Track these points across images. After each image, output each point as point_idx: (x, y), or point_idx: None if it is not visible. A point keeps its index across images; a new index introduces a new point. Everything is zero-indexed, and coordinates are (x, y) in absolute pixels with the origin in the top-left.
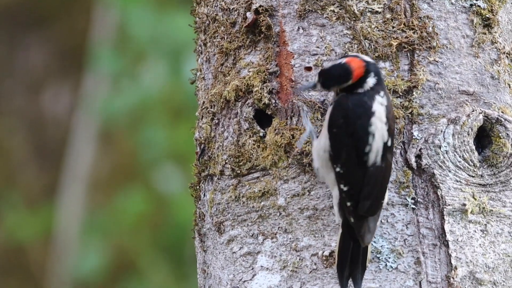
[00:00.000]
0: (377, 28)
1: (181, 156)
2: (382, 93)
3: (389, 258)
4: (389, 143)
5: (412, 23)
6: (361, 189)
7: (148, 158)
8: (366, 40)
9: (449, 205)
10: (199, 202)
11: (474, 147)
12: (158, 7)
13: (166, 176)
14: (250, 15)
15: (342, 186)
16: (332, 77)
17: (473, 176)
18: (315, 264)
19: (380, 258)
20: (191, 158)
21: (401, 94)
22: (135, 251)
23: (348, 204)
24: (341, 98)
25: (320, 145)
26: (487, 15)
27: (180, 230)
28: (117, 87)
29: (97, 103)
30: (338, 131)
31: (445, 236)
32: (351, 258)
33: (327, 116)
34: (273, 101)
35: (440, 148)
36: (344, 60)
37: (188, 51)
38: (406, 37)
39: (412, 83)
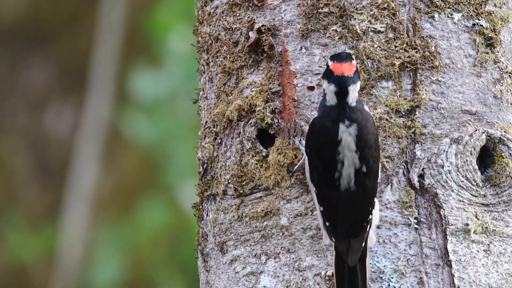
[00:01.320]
0: (380, 47)
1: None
2: (347, 121)
3: (392, 278)
4: (364, 169)
5: (415, 42)
6: (336, 212)
7: (173, 176)
8: (368, 60)
9: (452, 224)
10: (202, 222)
11: (477, 167)
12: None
13: (187, 192)
14: (252, 35)
15: (319, 206)
16: None
17: (476, 196)
18: (318, 284)
19: (383, 278)
20: None
21: (403, 113)
22: (152, 265)
23: (327, 224)
24: (314, 118)
25: (305, 164)
26: (490, 35)
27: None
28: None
29: (102, 122)
30: (310, 152)
31: (448, 256)
32: (349, 278)
33: None
34: (276, 120)
35: (443, 167)
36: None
37: None
38: (409, 57)
39: (414, 102)
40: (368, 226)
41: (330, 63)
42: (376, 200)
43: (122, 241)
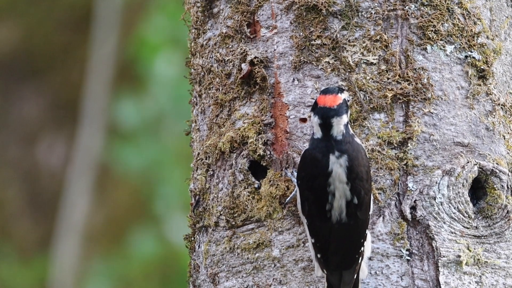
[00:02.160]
0: (372, 79)
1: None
2: (337, 152)
3: None
4: (355, 201)
5: (407, 74)
6: (328, 244)
7: (161, 208)
8: (361, 92)
9: (444, 256)
10: (194, 254)
11: (469, 199)
12: (181, 66)
13: (176, 226)
14: (245, 67)
15: (311, 238)
16: None
17: (468, 228)
18: None
19: None
20: None
21: (396, 145)
22: None
23: (319, 256)
24: (306, 150)
25: (297, 196)
26: (482, 67)
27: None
28: (133, 139)
29: (93, 155)
30: (301, 183)
31: (440, 287)
32: None
33: None
34: (268, 152)
35: (435, 199)
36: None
37: None
38: (401, 89)
39: (407, 134)
40: (360, 258)
41: (317, 95)
42: (368, 232)
43: (113, 273)
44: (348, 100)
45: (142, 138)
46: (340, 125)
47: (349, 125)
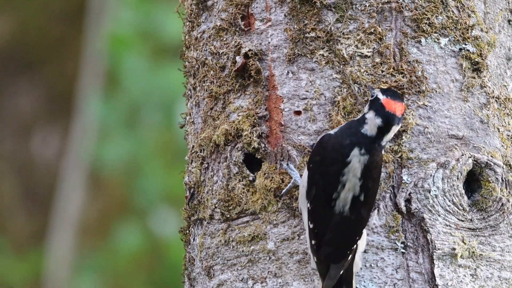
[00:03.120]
0: (367, 72)
1: (176, 199)
2: (363, 150)
3: None
4: (361, 198)
5: (402, 67)
6: (324, 233)
7: (143, 202)
8: (355, 84)
9: (438, 249)
10: (189, 247)
11: (463, 191)
12: (151, 58)
13: (161, 219)
14: (239, 59)
15: (309, 223)
16: None
17: (462, 220)
18: None
19: None
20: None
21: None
22: None
23: (313, 242)
24: (326, 135)
25: (302, 180)
26: (476, 59)
27: (174, 271)
28: (108, 135)
29: (87, 149)
30: (313, 167)
31: (435, 280)
32: None
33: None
34: (263, 145)
35: (429, 192)
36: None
37: (181, 100)
38: (395, 81)
39: (401, 127)
40: (351, 256)
41: (381, 96)
42: (364, 231)
43: (101, 267)
44: None
45: (118, 133)
46: (394, 133)
47: None
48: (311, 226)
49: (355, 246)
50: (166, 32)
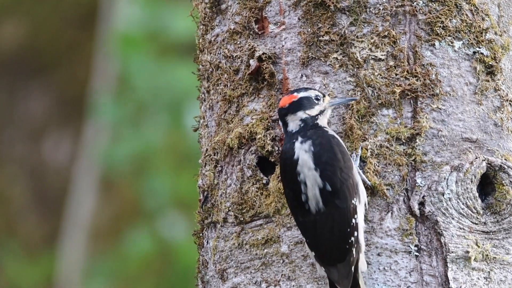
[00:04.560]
0: (380, 75)
1: (185, 203)
2: (300, 138)
3: None
4: (328, 188)
5: (415, 70)
6: (316, 239)
7: (152, 205)
8: (369, 87)
9: (452, 252)
10: (202, 250)
11: (477, 194)
12: (159, 57)
13: (170, 223)
14: (253, 63)
15: (303, 238)
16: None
17: (476, 223)
18: None
19: None
20: (194, 205)
21: (404, 141)
22: None
23: (313, 253)
24: (282, 147)
25: None
26: (490, 63)
27: (184, 276)
28: (118, 136)
29: (98, 151)
30: (281, 180)
31: (449, 283)
32: None
33: None
34: (276, 148)
35: (443, 195)
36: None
37: (189, 100)
38: (409, 84)
39: (415, 130)
40: (354, 249)
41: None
42: (356, 220)
43: (112, 270)
44: (317, 96)
45: (127, 134)
46: (295, 121)
47: (318, 118)
48: (305, 239)
49: (352, 238)
50: (174, 31)
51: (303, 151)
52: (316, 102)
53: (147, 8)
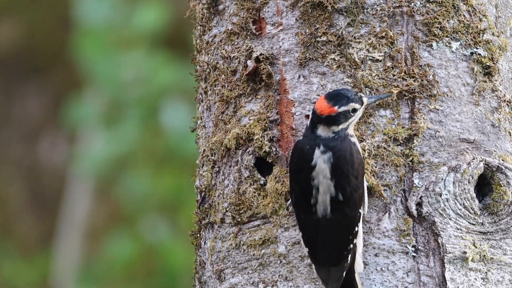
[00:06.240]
0: (378, 76)
1: (166, 205)
2: (322, 148)
3: None
4: (340, 197)
5: (413, 71)
6: (314, 239)
7: (132, 207)
8: (366, 88)
9: (449, 253)
10: (200, 250)
11: (474, 195)
12: (124, 50)
13: (152, 225)
14: (250, 63)
15: (299, 231)
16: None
17: (473, 224)
18: None
19: None
20: (175, 207)
21: (401, 142)
22: None
23: (307, 249)
24: (297, 141)
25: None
26: (488, 63)
27: (171, 278)
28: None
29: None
30: (290, 174)
31: (446, 284)
32: None
33: None
34: (274, 149)
35: (440, 196)
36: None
37: (165, 99)
38: (407, 85)
39: (412, 131)
40: (350, 256)
41: (322, 95)
42: (359, 228)
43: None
44: (355, 109)
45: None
46: (327, 131)
47: (349, 127)
48: (301, 234)
49: (351, 245)
50: (140, 23)
51: (321, 160)
52: (352, 115)
53: (116, 2)
